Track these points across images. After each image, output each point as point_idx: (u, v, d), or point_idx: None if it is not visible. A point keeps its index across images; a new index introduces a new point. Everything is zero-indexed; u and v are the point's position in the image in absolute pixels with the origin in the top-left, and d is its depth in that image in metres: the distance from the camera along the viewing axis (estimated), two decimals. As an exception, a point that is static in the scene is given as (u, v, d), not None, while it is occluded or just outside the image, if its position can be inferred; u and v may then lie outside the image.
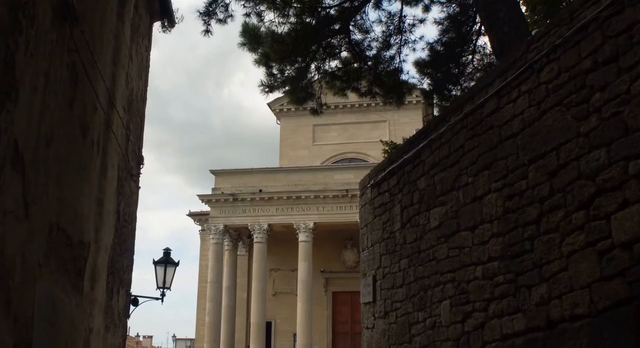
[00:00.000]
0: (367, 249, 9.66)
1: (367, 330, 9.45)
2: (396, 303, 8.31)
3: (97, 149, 7.28)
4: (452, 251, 6.86)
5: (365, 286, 9.55)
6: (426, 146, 7.75)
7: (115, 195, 8.44)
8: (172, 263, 10.73)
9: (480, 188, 6.37)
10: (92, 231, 7.21)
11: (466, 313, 6.44)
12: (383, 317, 8.74)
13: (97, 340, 7.69)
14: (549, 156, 5.28)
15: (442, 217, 7.17)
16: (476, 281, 6.29)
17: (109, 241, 8.19)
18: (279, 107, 43.80)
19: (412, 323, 7.74)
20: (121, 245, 9.06)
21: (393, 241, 8.59)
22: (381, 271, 8.96)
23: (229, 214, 35.41)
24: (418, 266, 7.72)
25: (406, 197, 8.26)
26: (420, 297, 7.59)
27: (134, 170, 9.86)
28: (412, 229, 8.01)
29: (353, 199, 34.36)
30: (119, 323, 9.19)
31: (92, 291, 7.24)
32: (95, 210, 7.33)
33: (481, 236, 6.27)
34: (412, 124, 41.61)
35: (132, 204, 9.96)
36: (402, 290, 8.15)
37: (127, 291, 9.64)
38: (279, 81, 10.87)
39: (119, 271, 9.00)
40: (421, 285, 7.59)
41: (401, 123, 41.89)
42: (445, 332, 6.86)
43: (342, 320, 38.37)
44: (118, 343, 9.27)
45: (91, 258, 7.13)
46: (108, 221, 8.07)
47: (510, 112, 5.93)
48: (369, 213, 9.68)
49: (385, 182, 9.11)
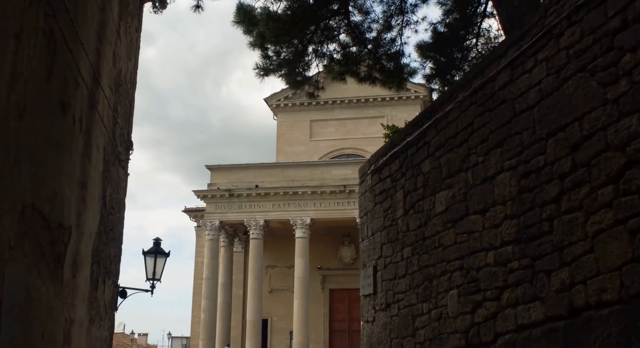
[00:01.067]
0: (367, 238, 9.19)
1: (367, 324, 8.97)
2: (398, 294, 7.84)
3: (79, 128, 6.78)
4: (460, 237, 6.38)
5: (365, 278, 9.08)
6: (431, 127, 7.27)
7: (100, 179, 7.95)
8: (163, 253, 10.21)
9: (491, 168, 5.90)
10: (74, 215, 6.72)
11: (476, 302, 5.96)
12: (384, 310, 8.27)
13: (80, 333, 7.20)
14: (570, 127, 4.80)
15: (449, 201, 6.69)
16: (487, 268, 5.82)
17: (94, 227, 7.70)
18: (275, 103, 43.35)
19: (416, 315, 7.27)
20: (108, 233, 8.57)
21: (395, 229, 8.11)
22: (382, 262, 8.48)
23: (224, 210, 34.94)
24: (422, 255, 7.25)
25: (409, 182, 7.79)
26: (424, 287, 7.12)
27: (123, 155, 9.37)
28: (415, 215, 7.53)
29: (351, 195, 33.91)
30: (105, 316, 8.69)
31: (74, 279, 6.75)
32: (78, 193, 6.84)
33: (493, 219, 5.80)
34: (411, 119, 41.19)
35: (121, 191, 9.46)
36: (405, 280, 7.68)
37: (114, 283, 9.14)
38: (274, 63, 10.38)
39: (105, 260, 8.50)
40: (426, 274, 7.11)
41: (399, 119, 41.08)
42: (452, 324, 6.38)
43: (339, 317, 37.92)
44: (104, 337, 8.77)
45: (73, 244, 6.65)
46: (92, 206, 7.58)
47: (525, 83, 5.45)
48: (369, 200, 9.21)
49: (386, 167, 8.63)
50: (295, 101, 42.78)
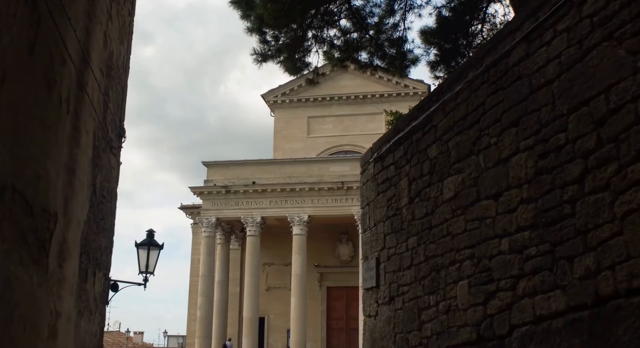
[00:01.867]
0: (370, 229, 8.81)
1: (369, 319, 8.60)
2: (403, 287, 7.46)
3: (66, 109, 6.38)
4: (471, 224, 6.01)
5: (367, 270, 8.70)
6: (439, 109, 6.90)
7: (90, 165, 7.56)
8: (156, 245, 9.81)
9: (505, 149, 5.52)
10: (61, 201, 6.33)
11: (489, 293, 5.59)
12: (388, 303, 7.90)
13: (68, 327, 6.81)
14: (595, 101, 4.43)
15: (458, 186, 6.32)
16: (501, 256, 5.45)
17: (83, 216, 7.30)
18: (273, 99, 42.93)
19: (422, 308, 6.90)
20: (98, 223, 8.17)
21: (399, 218, 7.74)
22: (385, 253, 8.11)
23: (221, 206, 34.53)
24: (429, 244, 6.87)
25: (415, 168, 7.41)
26: (431, 279, 6.75)
27: (114, 142, 8.97)
28: (421, 203, 7.16)
29: (349, 192, 33.54)
30: (95, 310, 8.29)
31: (60, 269, 6.36)
32: (65, 178, 6.44)
33: (507, 203, 5.42)
34: (410, 115, 40.82)
35: (112, 180, 9.07)
36: (410, 271, 7.30)
37: (105, 275, 8.74)
38: (273, 48, 9.99)
39: (95, 251, 8.11)
40: (433, 264, 6.74)
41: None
42: (462, 316, 6.01)
43: (337, 315, 37.54)
44: (95, 332, 8.37)
45: (59, 232, 6.25)
46: (81, 193, 7.18)
47: (543, 57, 5.08)
48: (372, 190, 8.83)
49: (390, 155, 8.25)
50: (293, 97, 42.40)
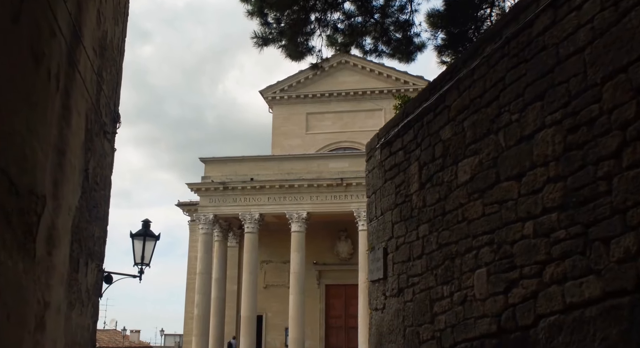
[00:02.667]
0: (376, 219, 8.40)
1: (376, 312, 8.19)
2: (413, 277, 7.06)
3: (55, 85, 5.96)
4: (490, 208, 5.60)
5: (373, 261, 8.29)
6: (452, 88, 6.49)
7: (82, 149, 7.14)
8: (152, 236, 9.37)
9: (529, 125, 5.11)
10: (49, 184, 5.90)
11: (510, 281, 5.18)
12: (396, 295, 7.49)
13: (58, 318, 6.38)
14: (634, 67, 4.02)
15: (475, 169, 5.91)
16: (524, 241, 5.04)
17: (74, 201, 6.88)
18: (271, 95, 42.49)
19: (435, 299, 6.49)
20: (91, 211, 7.75)
21: (409, 205, 7.33)
22: (394, 243, 7.70)
23: (219, 203, 34.10)
24: (442, 231, 6.46)
25: (426, 152, 7.01)
26: (445, 268, 6.34)
27: (109, 127, 8.55)
28: (433, 188, 6.75)
29: (348, 188, 33.14)
30: (87, 302, 7.87)
31: (49, 257, 5.94)
32: (54, 160, 6.02)
33: (531, 184, 5.02)
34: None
35: (106, 166, 8.64)
36: (420, 261, 6.90)
37: (98, 266, 8.32)
38: (274, 31, 9.57)
39: (88, 240, 7.69)
40: (446, 253, 6.33)
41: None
42: (480, 307, 5.60)
43: (336, 314, 37.13)
44: (87, 326, 7.95)
45: (48, 216, 5.83)
46: (72, 177, 6.76)
47: (572, 23, 4.67)
48: (378, 177, 8.42)
49: (398, 139, 7.85)
50: (292, 93, 41.99)
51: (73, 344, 7.14)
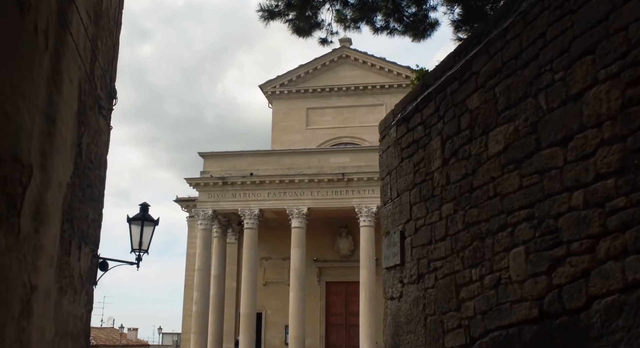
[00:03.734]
0: (392, 201, 7.82)
1: (392, 301, 7.61)
2: (435, 261, 6.47)
3: (44, 43, 5.36)
4: (528, 180, 5.02)
5: (389, 247, 7.71)
6: (481, 52, 5.90)
7: (75, 121, 6.54)
8: (151, 220, 8.73)
9: (577, 83, 4.53)
10: (37, 154, 5.31)
11: (555, 259, 4.60)
12: (415, 282, 6.91)
13: (46, 304, 5.78)
14: None
15: (510, 137, 5.32)
16: (572, 213, 4.45)
17: (65, 177, 6.29)
18: (271, 90, 41.89)
19: (462, 284, 5.90)
20: (84, 190, 7.16)
21: (430, 184, 6.75)
22: (412, 225, 7.12)
23: (218, 198, 33.48)
24: (470, 209, 5.88)
25: (450, 125, 6.42)
26: (473, 249, 5.75)
27: (104, 103, 7.97)
28: (459, 163, 6.16)
29: (349, 184, 32.55)
30: (81, 289, 7.27)
31: (37, 235, 5.34)
32: (42, 127, 5.43)
33: (580, 148, 4.43)
34: (411, 107, 39.86)
35: (102, 145, 8.05)
36: (444, 243, 6.31)
37: (92, 251, 7.73)
38: (281, 4, 9.00)
39: (81, 222, 7.10)
40: (475, 232, 5.75)
41: (399, 107, 40.04)
42: (517, 290, 5.02)
43: (336, 311, 36.55)
44: (80, 315, 7.35)
45: (35, 189, 5.24)
46: (64, 150, 6.17)
47: (631, -38, 4.10)
48: (394, 156, 7.84)
49: (417, 114, 7.27)
50: (292, 88, 41.40)
51: (64, 334, 6.54)
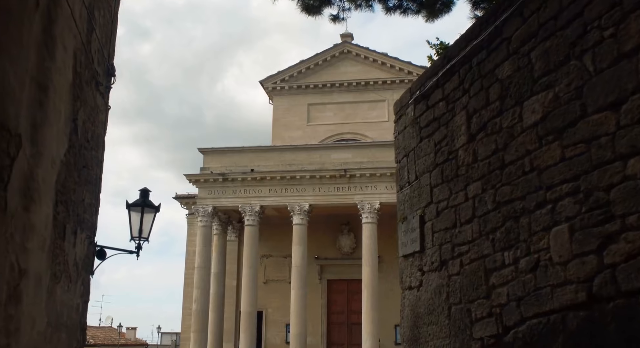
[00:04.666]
0: (409, 185, 7.32)
1: (410, 291, 7.10)
2: (461, 246, 5.97)
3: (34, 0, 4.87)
4: (572, 150, 4.52)
5: (406, 233, 7.20)
6: (513, 16, 5.40)
7: (69, 93, 6.03)
8: (151, 206, 8.19)
9: (631, 38, 4.03)
10: (26, 123, 4.81)
11: (606, 236, 4.10)
12: (437, 269, 6.40)
13: (38, 291, 5.27)
14: None
15: (549, 105, 4.82)
16: (627, 183, 3.95)
17: (59, 154, 5.78)
18: (271, 86, 41.38)
19: (492, 269, 5.40)
20: (80, 171, 6.65)
21: (454, 163, 6.25)
22: (433, 209, 6.62)
23: (218, 195, 32.98)
24: (501, 187, 5.38)
25: (476, 98, 5.92)
26: (506, 230, 5.25)
27: (101, 79, 7.46)
28: (488, 138, 5.66)
29: (352, 180, 32.05)
30: (76, 278, 6.76)
31: (26, 213, 4.84)
32: (33, 94, 4.93)
33: (636, 110, 3.93)
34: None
35: (99, 124, 7.53)
36: (471, 226, 5.81)
37: (89, 238, 7.21)
38: (289, -22, 8.51)
39: (77, 206, 6.59)
40: (507, 212, 5.25)
41: (401, 103, 39.55)
42: (560, 273, 4.51)
43: (338, 309, 36.07)
44: (76, 305, 6.83)
45: (24, 162, 4.74)
46: (57, 123, 5.66)
47: None
48: (412, 137, 7.34)
49: (437, 90, 6.76)
50: (292, 83, 40.90)
51: (58, 325, 6.03)
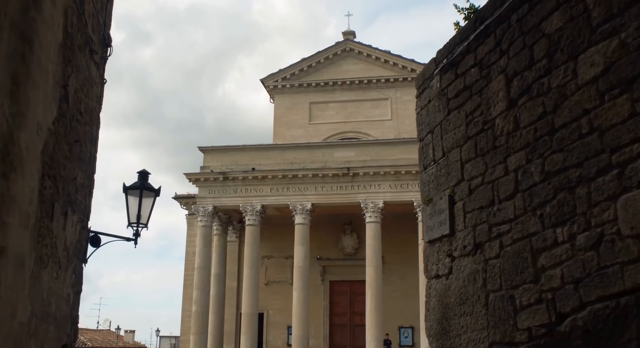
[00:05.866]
0: (434, 163, 6.64)
1: (437, 280, 6.42)
2: (500, 225, 5.29)
3: None
4: (645, 104, 3.85)
5: (432, 216, 6.52)
6: (564, -40, 4.73)
7: (59, 55, 5.35)
8: (151, 190, 7.47)
9: None
10: (5, 75, 4.14)
11: (696, 200, 3.43)
12: (471, 253, 5.72)
13: (20, 273, 4.58)
14: None
15: (613, 54, 4.14)
16: None
17: (47, 121, 5.10)
18: (273, 84, 40.71)
19: (541, 248, 4.71)
20: (72, 146, 5.97)
21: (490, 134, 5.57)
22: (465, 187, 5.94)
23: (218, 194, 32.28)
24: (551, 155, 4.70)
25: (517, 58, 5.24)
26: (558, 203, 4.57)
27: (96, 47, 6.78)
28: (533, 102, 4.99)
29: (355, 179, 31.36)
30: (67, 264, 6.07)
31: (5, 181, 4.16)
32: (13, 41, 4.26)
33: None
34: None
35: (94, 98, 6.85)
36: (513, 202, 5.13)
37: (82, 221, 6.53)
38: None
39: (68, 184, 5.90)
40: (560, 183, 4.57)
41: (404, 101, 38.96)
42: (632, 247, 3.83)
43: (340, 311, 35.33)
44: (66, 296, 6.13)
45: (2, 122, 4.07)
46: (43, 85, 4.98)
47: None
48: (437, 110, 6.66)
49: (469, 55, 6.09)
50: (294, 82, 40.25)
51: (44, 316, 5.32)
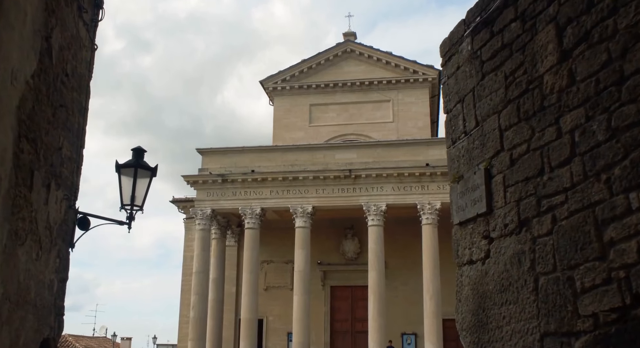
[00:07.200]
0: (466, 135, 5.91)
1: (470, 266, 5.66)
2: (552, 197, 4.54)
3: None
4: None
5: (464, 194, 5.78)
6: None
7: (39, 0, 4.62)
8: (146, 168, 6.64)
9: None
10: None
11: None
12: (514, 232, 4.97)
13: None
14: None
15: None
16: None
17: (24, 70, 4.36)
18: (272, 86, 40.07)
19: (609, 218, 3.96)
20: (56, 111, 5.22)
21: (537, 93, 4.83)
22: (505, 157, 5.20)
23: (217, 197, 31.57)
24: (619, 109, 3.95)
25: (571, 2, 4.53)
26: (631, 164, 3.82)
27: (86, 5, 6.04)
28: (591, 50, 4.25)
29: (357, 181, 30.65)
30: (50, 245, 5.31)
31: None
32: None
33: None
34: (419, 104, 38.20)
35: (82, 62, 6.10)
36: (569, 168, 4.39)
37: (68, 198, 5.77)
38: None
39: (51, 153, 5.16)
40: (632, 139, 3.83)
41: (406, 103, 38.38)
42: None
43: (341, 317, 34.54)
44: (49, 281, 5.36)
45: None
46: (19, 26, 4.24)
47: None
48: (469, 76, 5.93)
49: (508, 9, 5.36)
50: (294, 83, 39.60)
51: (21, 302, 4.54)
